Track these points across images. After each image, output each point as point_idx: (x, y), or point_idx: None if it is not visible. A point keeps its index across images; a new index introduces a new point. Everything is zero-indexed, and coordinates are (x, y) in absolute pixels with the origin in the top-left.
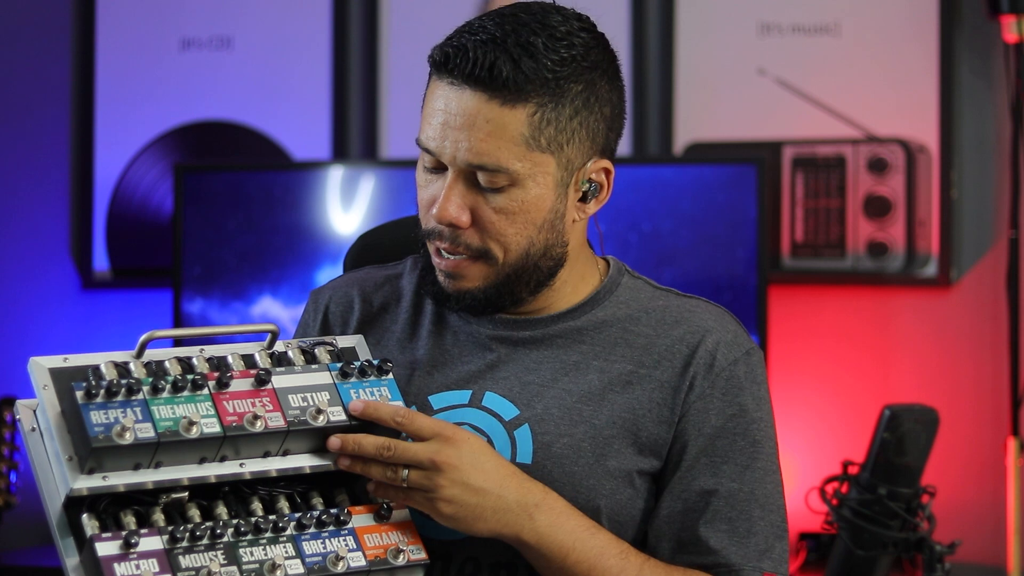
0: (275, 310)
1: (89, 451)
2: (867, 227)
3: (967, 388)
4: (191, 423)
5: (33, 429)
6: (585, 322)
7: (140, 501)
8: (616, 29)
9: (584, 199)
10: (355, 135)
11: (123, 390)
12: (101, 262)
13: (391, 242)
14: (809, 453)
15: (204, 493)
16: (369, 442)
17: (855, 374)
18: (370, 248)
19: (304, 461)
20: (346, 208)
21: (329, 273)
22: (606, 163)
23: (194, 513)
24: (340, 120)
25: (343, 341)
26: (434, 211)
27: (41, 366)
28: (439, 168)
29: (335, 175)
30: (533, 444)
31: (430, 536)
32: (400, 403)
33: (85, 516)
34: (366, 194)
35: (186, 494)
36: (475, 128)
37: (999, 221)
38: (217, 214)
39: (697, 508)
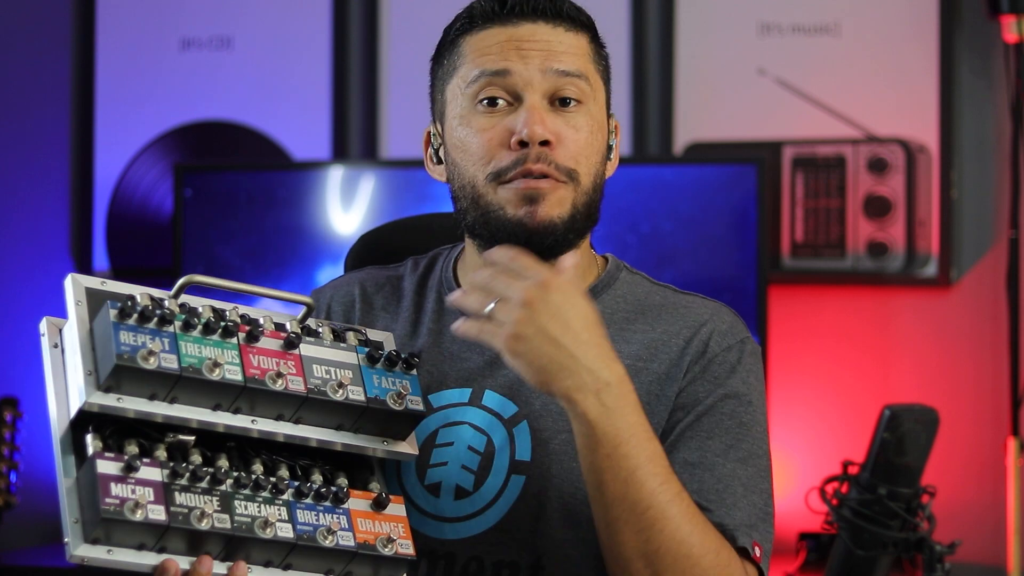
0: (275, 310)
1: (111, 368)
2: (867, 227)
3: (967, 388)
4: (215, 364)
5: (56, 346)
6: None
7: (146, 436)
8: (616, 29)
9: (608, 155)
10: (355, 135)
11: (156, 318)
12: (101, 262)
13: (392, 242)
14: (809, 453)
15: (209, 443)
16: (480, 278)
17: (855, 374)
18: (371, 248)
19: (314, 433)
20: (346, 208)
21: (329, 273)
22: (617, 121)
23: (196, 459)
24: (340, 120)
25: (373, 334)
26: (524, 132)
27: (79, 282)
28: (504, 101)
29: (335, 175)
30: (531, 441)
31: (433, 535)
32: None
33: (89, 436)
34: (366, 194)
35: (192, 439)
36: (550, 46)
37: (999, 221)
38: (217, 214)
39: (681, 478)
